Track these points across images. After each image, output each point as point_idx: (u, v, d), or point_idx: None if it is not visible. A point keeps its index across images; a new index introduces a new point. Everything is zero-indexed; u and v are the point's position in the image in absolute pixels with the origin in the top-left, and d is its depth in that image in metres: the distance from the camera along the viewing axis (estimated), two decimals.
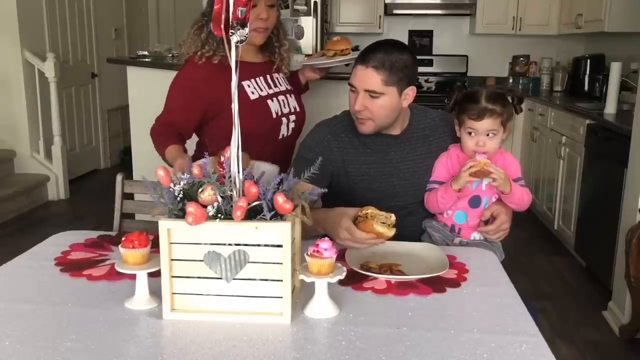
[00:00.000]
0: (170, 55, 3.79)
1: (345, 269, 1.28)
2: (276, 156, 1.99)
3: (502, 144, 1.78)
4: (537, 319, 1.35)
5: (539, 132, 4.55)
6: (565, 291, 3.35)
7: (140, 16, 6.88)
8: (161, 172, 1.25)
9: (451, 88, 4.50)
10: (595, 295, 3.26)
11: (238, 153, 1.23)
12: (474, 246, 1.75)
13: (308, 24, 4.10)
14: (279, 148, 2.12)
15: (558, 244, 4.08)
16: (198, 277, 1.23)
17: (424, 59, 5.46)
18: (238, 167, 1.23)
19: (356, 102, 1.72)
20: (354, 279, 1.42)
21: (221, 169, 1.28)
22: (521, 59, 5.44)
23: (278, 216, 1.22)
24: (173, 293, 1.24)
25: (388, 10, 5.40)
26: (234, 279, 1.23)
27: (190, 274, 1.24)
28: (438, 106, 3.57)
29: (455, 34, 5.68)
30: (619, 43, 4.47)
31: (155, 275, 1.26)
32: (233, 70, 1.22)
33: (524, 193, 1.75)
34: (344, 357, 1.10)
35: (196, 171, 1.27)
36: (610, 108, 3.68)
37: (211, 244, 1.22)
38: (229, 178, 1.24)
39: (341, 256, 1.47)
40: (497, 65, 5.59)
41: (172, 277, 1.24)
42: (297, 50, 3.28)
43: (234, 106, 1.23)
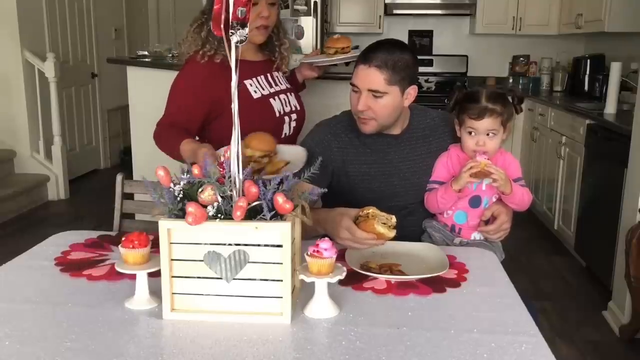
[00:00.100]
0: (170, 55, 3.79)
1: (345, 269, 1.28)
2: None
3: (503, 144, 1.78)
4: (537, 319, 1.35)
5: (539, 132, 4.55)
6: (565, 291, 3.35)
7: (140, 16, 6.88)
8: (161, 172, 1.25)
9: (451, 88, 4.50)
10: (595, 295, 3.26)
11: (238, 153, 1.23)
12: (474, 246, 1.75)
13: (308, 24, 4.10)
14: None
15: (558, 244, 4.08)
16: (198, 277, 1.23)
17: (424, 59, 5.46)
18: (238, 167, 1.23)
19: (359, 102, 1.71)
20: (354, 279, 1.42)
21: (221, 169, 1.28)
22: (521, 59, 5.44)
23: (278, 216, 1.22)
24: (173, 293, 1.24)
25: (388, 10, 5.40)
26: (234, 279, 1.23)
27: (190, 274, 1.24)
28: (438, 106, 3.57)
29: (455, 34, 5.68)
30: (619, 43, 4.46)
31: (155, 275, 1.26)
32: (233, 70, 1.22)
33: (525, 193, 1.75)
34: (344, 357, 1.10)
35: (196, 171, 1.27)
36: (610, 108, 3.68)
37: (211, 244, 1.22)
38: (229, 178, 1.24)
39: (341, 256, 1.47)
40: (497, 65, 5.59)
41: (172, 277, 1.24)
42: (297, 50, 3.28)
43: (234, 106, 1.23)
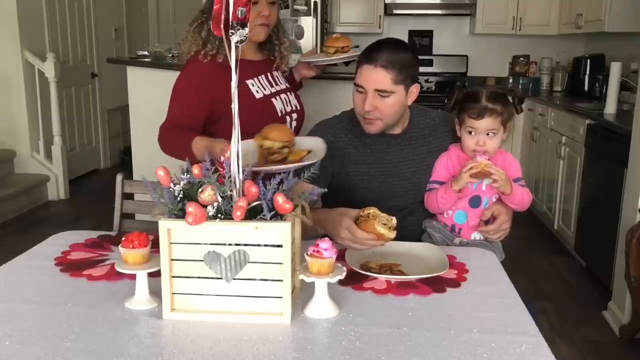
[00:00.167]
0: (170, 55, 3.79)
1: (345, 269, 1.28)
2: None
3: (503, 144, 1.78)
4: (537, 319, 1.35)
5: (539, 132, 4.55)
6: (565, 291, 3.35)
7: (140, 16, 6.88)
8: (161, 172, 1.25)
9: (451, 88, 4.51)
10: (595, 295, 3.26)
11: (238, 153, 1.23)
12: (474, 246, 1.75)
13: (308, 24, 4.09)
14: None
15: (558, 244, 4.07)
16: (198, 277, 1.23)
17: (424, 59, 5.45)
18: (238, 167, 1.23)
19: (366, 103, 1.71)
20: (354, 279, 1.42)
21: (221, 169, 1.28)
22: (521, 59, 5.44)
23: (278, 216, 1.22)
24: (173, 293, 1.24)
25: (388, 10, 5.41)
26: (234, 279, 1.23)
27: (190, 274, 1.24)
28: (438, 106, 3.57)
29: (455, 34, 5.68)
30: (619, 43, 4.46)
31: (155, 275, 1.26)
32: (233, 70, 1.22)
33: (525, 193, 1.75)
34: (344, 357, 1.10)
35: (196, 171, 1.27)
36: (610, 108, 3.68)
37: (211, 244, 1.22)
38: (229, 178, 1.24)
39: (341, 256, 1.47)
40: (497, 65, 5.59)
41: (172, 277, 1.24)
42: (297, 50, 3.28)
43: (234, 106, 1.23)
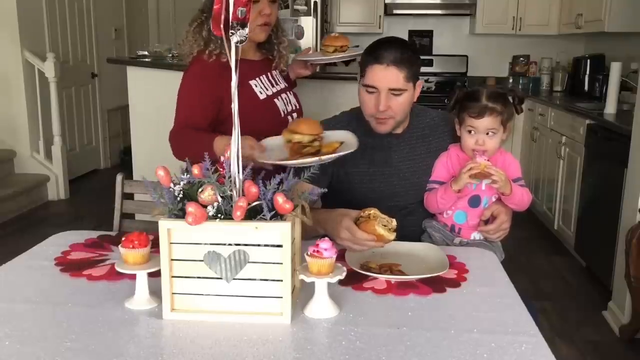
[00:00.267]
0: (170, 55, 3.79)
1: (345, 269, 1.28)
2: None
3: (503, 144, 1.78)
4: (537, 319, 1.35)
5: (539, 132, 4.55)
6: (565, 291, 3.35)
7: (140, 16, 6.88)
8: (161, 172, 1.25)
9: (451, 88, 4.51)
10: (595, 295, 3.26)
11: (238, 153, 1.23)
12: (474, 246, 1.75)
13: (308, 24, 4.10)
14: None
15: (558, 244, 4.08)
16: (198, 277, 1.23)
17: (424, 59, 5.45)
18: (238, 167, 1.23)
19: (381, 102, 1.70)
20: (354, 279, 1.42)
21: (221, 169, 1.28)
22: (521, 59, 5.44)
23: (278, 216, 1.22)
24: (173, 293, 1.24)
25: (388, 10, 5.41)
26: (234, 279, 1.23)
27: (190, 274, 1.24)
28: (438, 106, 3.57)
29: (455, 34, 5.68)
30: (619, 43, 4.46)
31: (155, 275, 1.26)
32: (233, 70, 1.22)
33: (524, 193, 1.75)
34: (344, 357, 1.10)
35: (196, 171, 1.27)
36: (610, 108, 3.68)
37: (211, 244, 1.22)
38: (229, 178, 1.24)
39: (341, 256, 1.47)
40: (497, 65, 5.59)
41: (172, 277, 1.24)
42: (297, 50, 3.28)
43: (234, 106, 1.23)
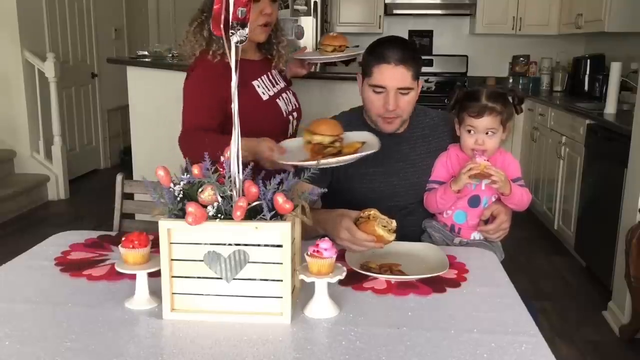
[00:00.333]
0: (170, 55, 3.79)
1: (345, 269, 1.28)
2: None
3: (502, 144, 1.77)
4: (537, 319, 1.35)
5: (539, 132, 4.55)
6: (565, 291, 3.35)
7: (140, 16, 6.88)
8: (161, 172, 1.25)
9: (451, 88, 4.51)
10: (595, 295, 3.26)
11: (238, 153, 1.23)
12: (474, 246, 1.75)
13: (308, 24, 4.10)
14: None
15: (558, 244, 4.07)
16: (198, 277, 1.23)
17: (424, 59, 5.45)
18: (238, 167, 1.23)
19: (390, 102, 1.70)
20: (354, 279, 1.42)
21: (221, 169, 1.28)
22: (521, 59, 5.44)
23: (278, 216, 1.22)
24: (173, 293, 1.24)
25: (388, 10, 5.41)
26: (234, 279, 1.23)
27: (190, 274, 1.24)
28: (438, 106, 3.57)
29: (455, 34, 5.68)
30: (619, 43, 4.46)
31: (155, 275, 1.26)
32: (233, 70, 1.22)
33: (524, 193, 1.75)
34: (344, 357, 1.10)
35: (196, 171, 1.27)
36: (610, 108, 3.68)
37: (211, 244, 1.22)
38: (229, 178, 1.24)
39: (341, 256, 1.47)
40: (497, 65, 5.59)
41: (172, 277, 1.24)
42: (297, 50, 3.28)
43: (234, 106, 1.23)
